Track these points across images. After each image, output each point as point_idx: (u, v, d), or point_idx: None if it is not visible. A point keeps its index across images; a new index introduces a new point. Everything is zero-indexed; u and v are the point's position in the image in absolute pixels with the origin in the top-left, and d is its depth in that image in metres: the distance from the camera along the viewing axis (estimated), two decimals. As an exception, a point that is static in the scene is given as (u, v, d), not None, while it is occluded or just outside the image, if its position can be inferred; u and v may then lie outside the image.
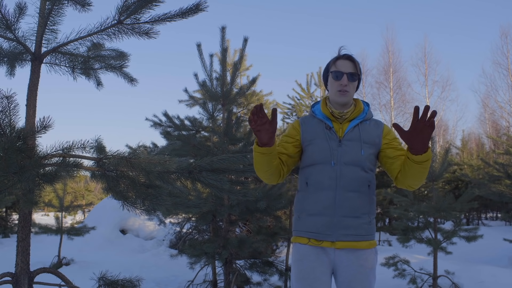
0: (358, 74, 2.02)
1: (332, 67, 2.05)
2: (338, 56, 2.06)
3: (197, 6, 2.07)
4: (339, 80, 2.00)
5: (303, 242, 2.03)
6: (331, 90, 2.06)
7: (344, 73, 2.00)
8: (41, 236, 8.29)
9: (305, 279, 1.98)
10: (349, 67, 2.01)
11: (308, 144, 2.07)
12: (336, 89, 2.02)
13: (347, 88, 2.00)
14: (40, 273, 2.27)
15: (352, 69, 2.01)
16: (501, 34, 25.80)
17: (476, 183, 10.45)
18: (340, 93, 2.01)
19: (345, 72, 2.00)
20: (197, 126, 5.55)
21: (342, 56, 2.05)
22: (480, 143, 24.08)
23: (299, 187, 2.11)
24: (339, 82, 2.00)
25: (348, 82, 2.00)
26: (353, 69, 2.01)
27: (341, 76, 2.00)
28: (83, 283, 2.81)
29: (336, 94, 2.03)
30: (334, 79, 2.03)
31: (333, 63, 2.05)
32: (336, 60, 2.05)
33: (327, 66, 2.11)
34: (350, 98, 2.04)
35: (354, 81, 2.02)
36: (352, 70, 2.01)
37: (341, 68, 2.01)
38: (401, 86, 27.66)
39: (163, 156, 1.98)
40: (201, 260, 5.08)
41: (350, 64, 2.02)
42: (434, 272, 5.17)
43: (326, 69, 2.11)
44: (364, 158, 2.00)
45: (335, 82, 2.02)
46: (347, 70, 2.00)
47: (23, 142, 1.90)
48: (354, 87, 2.05)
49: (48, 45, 2.29)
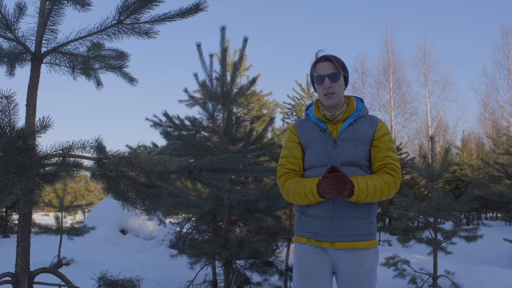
0: (339, 72, 2.01)
1: (313, 72, 2.06)
2: (316, 59, 2.07)
3: (197, 6, 2.06)
4: (322, 84, 2.01)
5: (303, 241, 2.05)
6: (319, 94, 2.07)
7: (324, 75, 2.00)
8: (41, 236, 8.28)
9: (306, 277, 1.99)
10: (329, 68, 2.01)
11: (306, 147, 2.10)
12: (322, 93, 2.03)
13: (331, 89, 2.00)
14: (40, 273, 2.27)
15: (332, 69, 2.00)
16: (502, 34, 25.79)
17: (476, 183, 10.45)
18: (327, 96, 2.02)
19: (325, 74, 2.00)
20: (197, 126, 5.55)
21: (319, 59, 2.05)
22: (480, 143, 24.08)
23: None
24: (323, 86, 2.01)
25: (331, 83, 2.00)
26: (333, 69, 2.00)
27: (322, 79, 2.01)
28: (83, 283, 2.81)
29: (323, 98, 2.04)
30: (317, 84, 2.03)
31: (313, 68, 2.06)
32: (315, 64, 2.05)
33: (310, 72, 2.11)
34: (339, 99, 2.04)
35: (337, 80, 2.01)
36: (332, 70, 2.00)
37: (321, 71, 2.01)
38: (401, 86, 27.69)
39: (163, 156, 1.98)
40: (201, 260, 5.08)
41: (329, 65, 2.01)
42: (434, 272, 5.16)
43: (311, 75, 2.11)
44: (361, 157, 2.00)
45: (320, 87, 2.03)
46: (327, 72, 2.00)
47: (23, 142, 1.90)
48: (341, 86, 2.04)
49: (48, 45, 2.29)
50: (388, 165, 1.98)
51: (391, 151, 2.02)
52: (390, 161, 1.99)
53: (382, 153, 2.01)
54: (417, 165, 5.65)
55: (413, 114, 27.62)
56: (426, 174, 5.43)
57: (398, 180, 1.97)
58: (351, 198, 1.85)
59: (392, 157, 2.00)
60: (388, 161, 1.99)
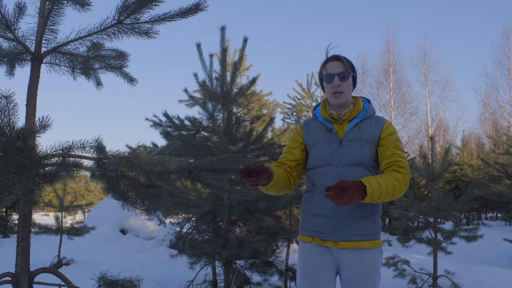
0: (349, 72, 2.03)
1: (323, 71, 2.09)
2: (327, 58, 2.09)
3: (197, 5, 2.07)
4: (331, 82, 2.03)
5: (308, 240, 2.07)
6: (327, 93, 2.08)
7: (334, 74, 2.02)
8: (41, 236, 8.29)
9: (309, 276, 2.01)
10: (339, 67, 2.02)
11: (311, 147, 2.11)
12: (330, 92, 2.05)
13: (340, 88, 2.02)
14: (40, 273, 2.27)
15: (342, 68, 2.02)
16: (503, 34, 25.72)
17: (476, 183, 10.45)
18: (335, 95, 2.03)
19: (335, 73, 2.02)
20: (197, 126, 5.54)
21: (330, 58, 2.07)
22: (480, 143, 24.08)
23: (307, 187, 2.15)
24: (332, 84, 2.03)
25: (340, 82, 2.01)
26: (342, 68, 2.02)
27: (332, 78, 2.02)
28: (83, 283, 2.81)
29: (331, 97, 2.05)
30: (326, 82, 2.05)
31: (323, 67, 2.09)
32: (326, 63, 2.07)
33: (320, 70, 2.13)
34: (346, 98, 2.05)
35: (346, 79, 2.02)
36: (342, 70, 2.02)
37: (331, 70, 2.03)
38: (401, 86, 27.69)
39: (163, 156, 1.98)
40: (201, 260, 5.08)
41: (339, 64, 2.03)
42: (434, 272, 5.16)
43: (320, 73, 2.14)
44: (366, 157, 2.00)
45: (328, 85, 2.05)
46: (337, 71, 2.02)
47: (23, 142, 1.90)
48: (349, 86, 2.05)
49: (48, 45, 2.29)
50: (395, 163, 1.98)
51: (398, 149, 2.02)
52: (398, 158, 1.99)
53: (389, 151, 2.01)
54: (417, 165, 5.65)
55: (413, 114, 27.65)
56: (426, 174, 5.43)
57: (407, 176, 1.97)
58: (365, 199, 1.82)
59: (400, 155, 2.00)
60: (396, 158, 1.99)
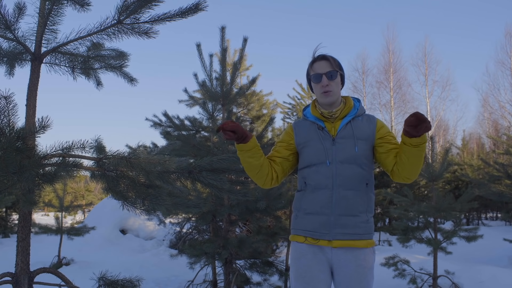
0: (336, 71, 2.05)
1: (310, 71, 2.10)
2: (313, 59, 2.10)
3: (197, 5, 2.07)
4: (320, 82, 2.04)
5: (300, 240, 2.05)
6: (316, 93, 2.09)
7: (322, 74, 2.03)
8: (41, 236, 8.28)
9: (303, 277, 2.00)
10: (326, 66, 2.04)
11: (303, 146, 2.11)
12: (320, 92, 2.06)
13: (329, 87, 2.03)
14: (40, 273, 2.27)
15: (329, 68, 2.04)
16: (506, 33, 25.66)
17: (476, 183, 10.46)
18: (324, 94, 2.04)
19: (322, 73, 2.03)
20: (197, 126, 5.54)
21: (317, 58, 2.09)
22: (481, 143, 24.08)
23: (299, 186, 2.14)
24: (320, 84, 2.04)
25: (328, 81, 2.03)
26: (330, 68, 2.04)
27: (320, 77, 2.04)
28: (83, 283, 2.81)
29: (321, 96, 2.06)
30: (314, 82, 2.07)
31: (311, 67, 2.10)
32: (313, 63, 2.09)
33: (307, 71, 2.14)
34: (336, 97, 2.07)
35: (334, 78, 2.04)
36: (329, 69, 2.03)
37: (318, 70, 2.05)
38: (401, 85, 27.68)
39: (163, 156, 1.98)
40: (201, 260, 5.08)
41: (326, 63, 2.05)
42: (434, 272, 5.16)
43: (307, 74, 2.14)
44: (359, 154, 2.01)
45: (317, 85, 2.06)
46: (325, 70, 2.03)
47: (23, 142, 1.90)
48: (338, 84, 2.07)
49: (48, 45, 2.29)
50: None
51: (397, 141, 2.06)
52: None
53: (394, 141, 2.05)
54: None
55: (413, 114, 27.56)
56: (426, 174, 5.43)
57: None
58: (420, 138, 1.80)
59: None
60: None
